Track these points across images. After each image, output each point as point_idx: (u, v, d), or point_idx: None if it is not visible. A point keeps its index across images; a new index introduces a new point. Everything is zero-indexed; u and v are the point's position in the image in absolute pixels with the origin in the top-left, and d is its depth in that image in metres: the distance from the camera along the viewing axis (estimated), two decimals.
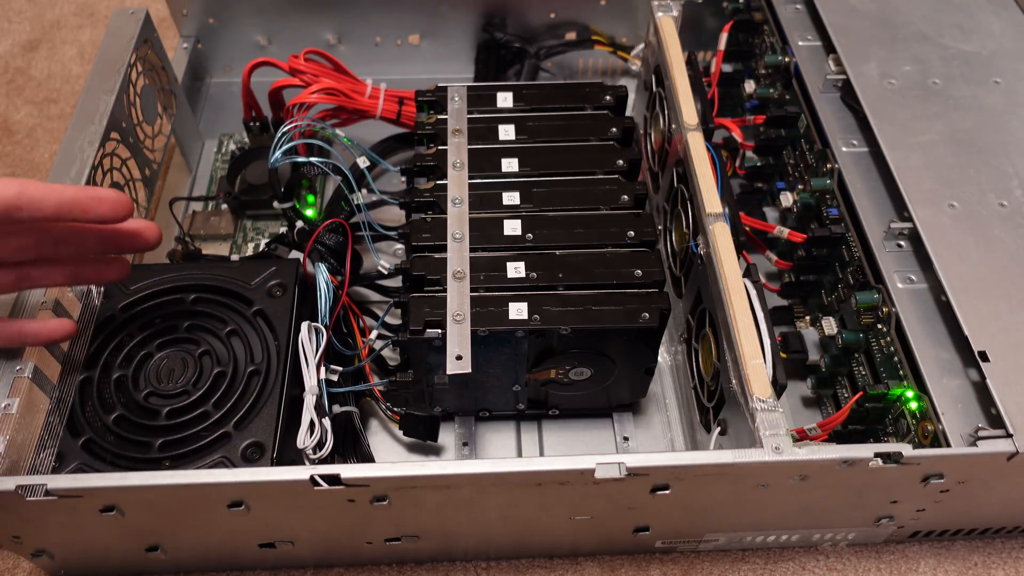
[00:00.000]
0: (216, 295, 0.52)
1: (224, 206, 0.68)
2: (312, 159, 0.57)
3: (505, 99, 0.59)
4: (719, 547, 0.53)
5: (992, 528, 0.53)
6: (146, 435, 0.46)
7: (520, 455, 0.57)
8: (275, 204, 0.61)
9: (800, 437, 0.44)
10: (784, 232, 0.57)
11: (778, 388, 0.43)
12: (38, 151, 0.77)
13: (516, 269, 0.50)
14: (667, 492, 0.43)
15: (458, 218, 0.52)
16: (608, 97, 0.59)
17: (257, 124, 0.69)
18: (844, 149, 0.57)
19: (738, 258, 0.48)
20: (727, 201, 0.51)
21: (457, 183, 0.54)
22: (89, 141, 0.55)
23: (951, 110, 0.57)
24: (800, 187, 0.60)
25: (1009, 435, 0.42)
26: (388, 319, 0.56)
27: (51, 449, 0.46)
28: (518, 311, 0.48)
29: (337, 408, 0.52)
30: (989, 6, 0.64)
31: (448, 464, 0.41)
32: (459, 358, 0.47)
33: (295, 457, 0.48)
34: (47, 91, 0.83)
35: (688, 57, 0.59)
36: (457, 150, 0.55)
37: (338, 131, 0.61)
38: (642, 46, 0.73)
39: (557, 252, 0.51)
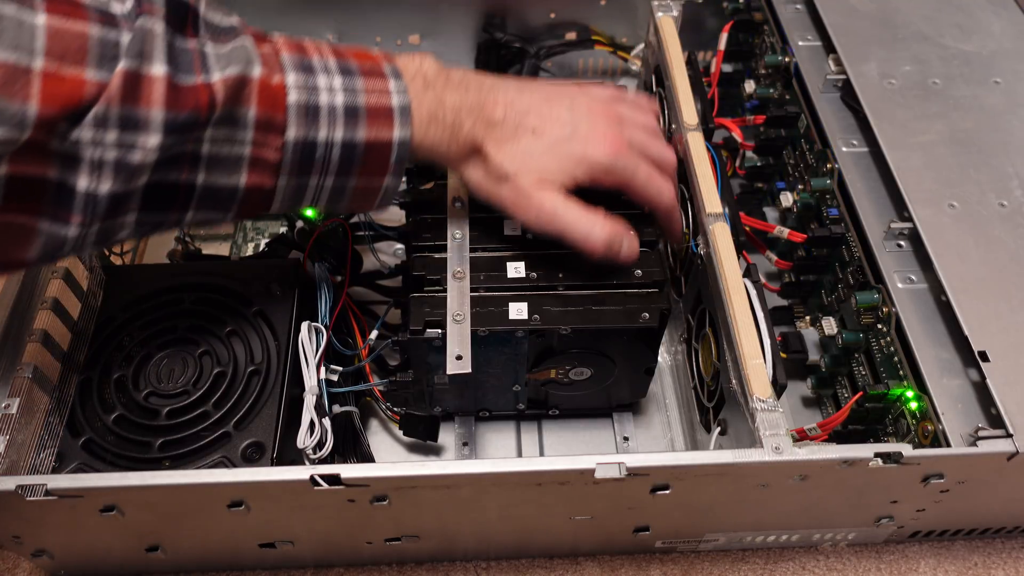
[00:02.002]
0: (216, 295, 0.52)
1: None
2: None
3: None
4: (719, 547, 0.53)
5: (992, 528, 0.53)
6: (146, 435, 0.46)
7: (520, 455, 0.57)
8: None
9: (800, 437, 0.44)
10: (784, 232, 0.57)
11: (778, 388, 0.43)
12: None
13: (516, 269, 0.50)
14: (667, 492, 0.43)
15: (458, 218, 0.52)
16: None
17: None
18: (844, 149, 0.57)
19: (738, 258, 0.48)
20: (727, 201, 0.51)
21: (457, 182, 0.54)
22: None
23: (951, 110, 0.57)
24: (800, 187, 0.60)
25: (1009, 435, 0.42)
26: (388, 319, 0.56)
27: (51, 449, 0.46)
28: (518, 311, 0.48)
29: (337, 408, 0.52)
30: (989, 6, 0.64)
31: (448, 464, 0.41)
32: (459, 358, 0.47)
33: (295, 457, 0.48)
34: None
35: (688, 57, 0.59)
36: None
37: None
38: (642, 46, 0.73)
39: (557, 252, 0.51)
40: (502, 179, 0.45)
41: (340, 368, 0.52)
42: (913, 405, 0.47)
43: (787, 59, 0.63)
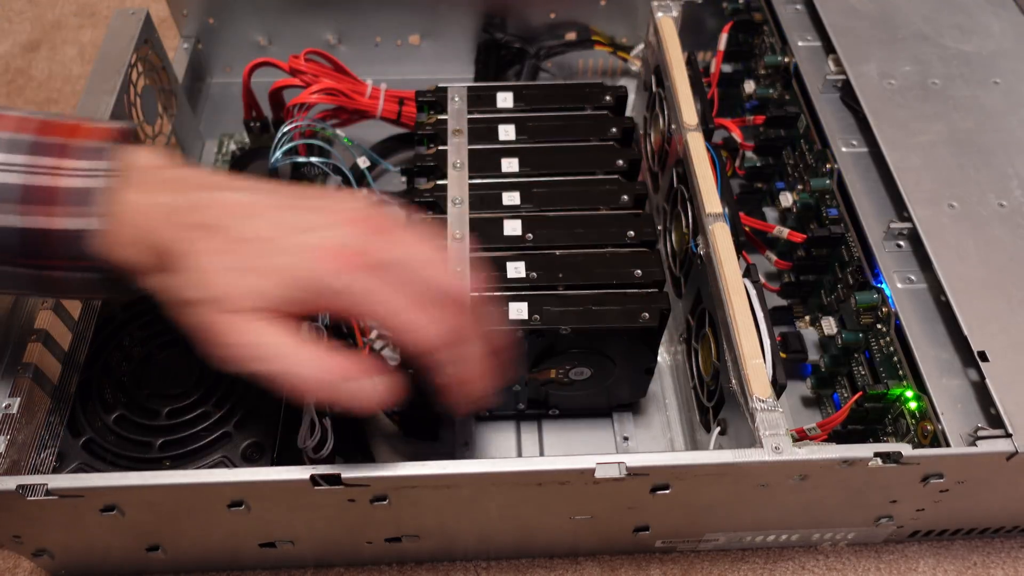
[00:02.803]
0: None
1: None
2: (312, 159, 0.57)
3: (505, 99, 0.59)
4: (719, 547, 0.53)
5: (992, 528, 0.53)
6: (146, 435, 0.46)
7: (520, 455, 0.57)
8: None
9: (800, 437, 0.44)
10: (784, 232, 0.57)
11: (778, 388, 0.43)
12: None
13: (516, 269, 0.50)
14: (667, 492, 0.43)
15: (458, 218, 0.52)
16: (608, 97, 0.59)
17: (257, 124, 0.69)
18: (844, 149, 0.57)
19: (738, 258, 0.48)
20: (727, 201, 0.51)
21: (457, 183, 0.54)
22: None
23: (951, 110, 0.57)
24: (800, 187, 0.60)
25: (1008, 435, 0.42)
26: None
27: (52, 449, 0.46)
28: (518, 311, 0.48)
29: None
30: (989, 6, 0.64)
31: (448, 464, 0.41)
32: None
33: (295, 457, 0.48)
34: (48, 91, 0.83)
35: (688, 57, 0.59)
36: (457, 150, 0.55)
37: (338, 131, 0.61)
38: (642, 46, 0.73)
39: (557, 252, 0.51)
40: (198, 300, 0.36)
41: None
42: (912, 405, 0.47)
43: (787, 59, 0.63)
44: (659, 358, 0.55)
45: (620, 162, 0.55)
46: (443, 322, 0.37)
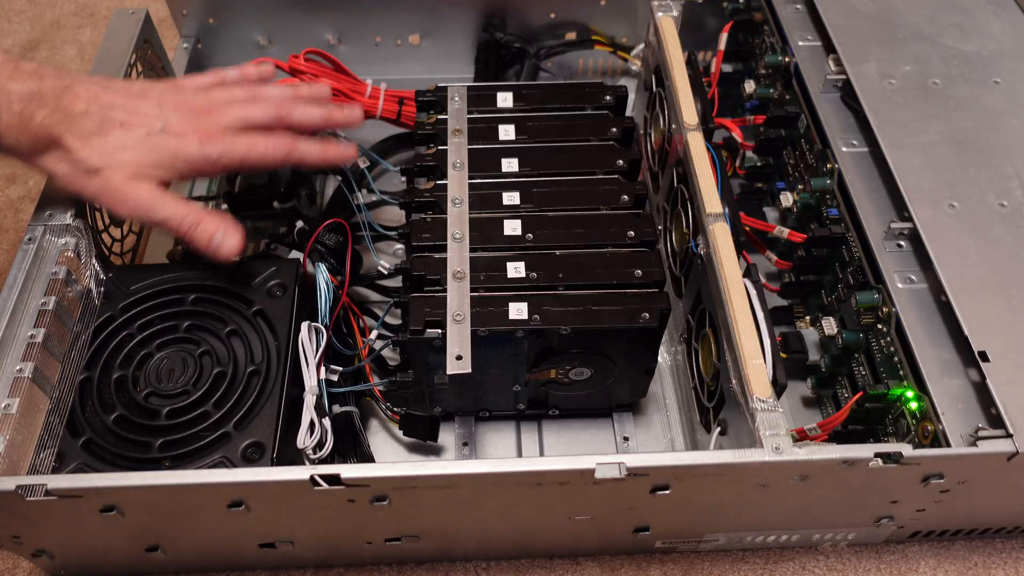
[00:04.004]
0: (216, 295, 0.52)
1: (224, 206, 0.68)
2: None
3: (505, 99, 0.59)
4: (719, 547, 0.53)
5: (992, 528, 0.53)
6: (146, 435, 0.46)
7: (520, 455, 0.57)
8: (275, 204, 0.61)
9: (800, 437, 0.44)
10: (784, 232, 0.57)
11: (778, 388, 0.43)
12: None
13: (516, 269, 0.50)
14: (667, 492, 0.43)
15: (458, 218, 0.52)
16: (608, 97, 0.59)
17: None
18: (844, 149, 0.57)
19: (738, 258, 0.48)
20: (727, 201, 0.51)
21: (457, 183, 0.54)
22: None
23: (951, 110, 0.57)
24: (800, 187, 0.60)
25: (1009, 435, 0.42)
26: (388, 319, 0.56)
27: (51, 449, 0.46)
28: (518, 311, 0.48)
29: (337, 408, 0.52)
30: (989, 6, 0.64)
31: (448, 464, 0.41)
32: (459, 358, 0.47)
33: (295, 457, 0.48)
34: None
35: (688, 57, 0.59)
36: (457, 150, 0.55)
37: (338, 131, 0.61)
38: (642, 46, 0.73)
39: (557, 252, 0.51)
40: (91, 173, 0.45)
41: (340, 368, 0.52)
42: (913, 405, 0.47)
43: (787, 59, 0.63)
44: (659, 358, 0.55)
45: (620, 162, 0.55)
46: (278, 140, 0.50)
